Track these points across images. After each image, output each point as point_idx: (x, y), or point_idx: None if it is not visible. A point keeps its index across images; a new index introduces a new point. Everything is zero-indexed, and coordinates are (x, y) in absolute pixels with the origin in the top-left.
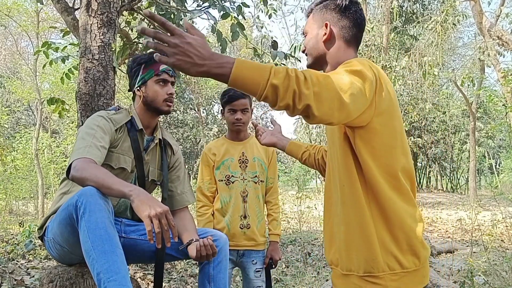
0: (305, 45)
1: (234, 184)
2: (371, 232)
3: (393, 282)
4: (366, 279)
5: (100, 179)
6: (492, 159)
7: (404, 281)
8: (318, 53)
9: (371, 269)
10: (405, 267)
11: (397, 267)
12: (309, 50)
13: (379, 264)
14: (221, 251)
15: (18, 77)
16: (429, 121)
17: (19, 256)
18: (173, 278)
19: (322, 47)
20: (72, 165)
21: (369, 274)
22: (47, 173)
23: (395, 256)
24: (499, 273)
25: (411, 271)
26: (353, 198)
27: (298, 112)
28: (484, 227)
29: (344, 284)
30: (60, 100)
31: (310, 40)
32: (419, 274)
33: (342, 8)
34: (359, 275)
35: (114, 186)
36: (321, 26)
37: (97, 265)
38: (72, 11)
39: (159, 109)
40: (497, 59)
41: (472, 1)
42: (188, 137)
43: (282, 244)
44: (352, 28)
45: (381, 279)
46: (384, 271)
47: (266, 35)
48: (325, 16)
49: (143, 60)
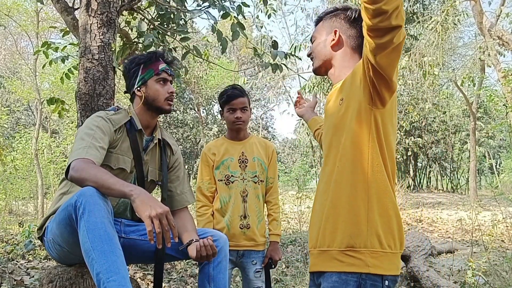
0: (313, 49)
1: (233, 184)
2: (361, 209)
3: (372, 259)
4: (346, 253)
5: (100, 179)
6: (493, 159)
7: (381, 260)
8: (325, 57)
9: (354, 244)
10: (385, 248)
11: (377, 246)
12: (317, 54)
13: (361, 240)
14: (221, 251)
15: (18, 77)
16: (429, 121)
17: (19, 256)
18: (173, 278)
19: (330, 51)
20: (70, 165)
21: (351, 248)
22: (47, 173)
23: (378, 235)
24: (500, 273)
25: (388, 253)
26: (351, 176)
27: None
28: (485, 227)
29: (323, 260)
30: (60, 100)
31: (318, 45)
32: (395, 259)
33: (352, 19)
34: (340, 250)
35: (114, 186)
36: (330, 33)
37: (96, 265)
38: (71, 11)
39: (160, 108)
40: (498, 59)
41: (472, 1)
42: (188, 137)
43: (282, 244)
44: (359, 38)
45: (362, 254)
46: (366, 247)
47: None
48: (335, 24)
49: (141, 60)
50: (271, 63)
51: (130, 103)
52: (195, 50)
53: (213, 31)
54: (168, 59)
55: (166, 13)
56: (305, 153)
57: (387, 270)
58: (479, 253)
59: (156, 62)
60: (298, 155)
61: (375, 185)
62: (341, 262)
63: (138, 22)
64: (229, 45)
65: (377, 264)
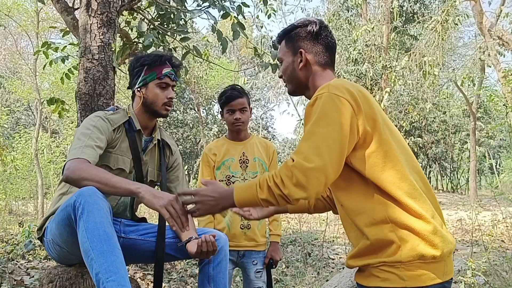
0: (282, 72)
1: (234, 184)
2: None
3: (408, 271)
4: (381, 269)
5: (103, 178)
6: (493, 159)
7: (418, 271)
8: (296, 80)
9: (386, 260)
10: (426, 257)
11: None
12: (288, 78)
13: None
14: (221, 251)
15: (18, 77)
16: (429, 121)
17: (19, 256)
18: (173, 278)
19: (300, 74)
20: (65, 166)
21: (383, 263)
22: (47, 173)
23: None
24: (500, 273)
25: (427, 262)
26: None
27: (298, 201)
28: (485, 227)
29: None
30: (60, 100)
31: (287, 68)
32: (436, 266)
33: (314, 34)
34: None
35: (119, 185)
36: (296, 54)
37: (95, 265)
38: (72, 11)
39: (157, 112)
40: (498, 59)
41: (472, 1)
42: (188, 137)
43: (282, 244)
44: (325, 52)
45: (396, 268)
46: (401, 262)
47: (266, 35)
48: (298, 44)
49: (146, 61)
50: (271, 63)
51: (130, 103)
52: (195, 50)
53: (213, 31)
54: (175, 63)
55: (166, 13)
56: None
57: (426, 281)
58: (479, 253)
59: (161, 66)
60: None
61: (388, 212)
62: (377, 277)
63: (138, 22)
64: (229, 45)
65: (413, 277)
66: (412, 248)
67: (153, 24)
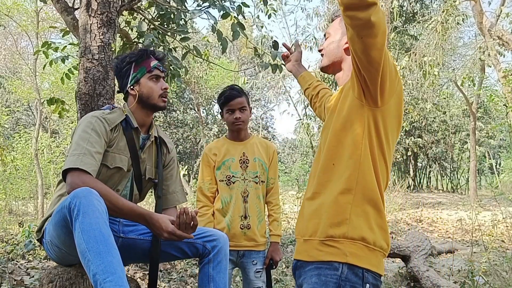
0: (325, 47)
1: (234, 184)
2: (347, 202)
3: (351, 249)
4: (325, 243)
5: (113, 199)
6: (493, 159)
7: (362, 251)
8: (335, 58)
9: (333, 234)
10: (368, 242)
11: (358, 238)
12: (328, 53)
13: (341, 231)
14: (221, 251)
15: (18, 77)
16: (429, 121)
17: (19, 256)
18: (173, 278)
19: (342, 53)
20: (67, 180)
21: (330, 238)
22: (47, 173)
23: (361, 229)
24: (500, 273)
25: (370, 247)
26: (340, 171)
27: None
28: (485, 227)
29: (305, 250)
30: (60, 100)
31: (332, 43)
32: (379, 256)
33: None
34: (320, 239)
35: (129, 209)
36: (345, 34)
37: (92, 266)
38: (72, 11)
39: (155, 105)
40: (498, 59)
41: (472, 1)
42: (188, 137)
43: (282, 244)
44: None
45: (341, 243)
46: (346, 238)
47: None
48: None
49: (132, 58)
50: (271, 63)
51: (125, 103)
52: (195, 50)
53: (213, 31)
54: (158, 55)
55: (166, 13)
56: (305, 153)
57: (368, 264)
58: (479, 253)
59: (148, 60)
60: (298, 155)
61: (363, 183)
62: (319, 251)
63: (138, 22)
64: (229, 45)
65: (357, 255)
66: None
67: (153, 24)
